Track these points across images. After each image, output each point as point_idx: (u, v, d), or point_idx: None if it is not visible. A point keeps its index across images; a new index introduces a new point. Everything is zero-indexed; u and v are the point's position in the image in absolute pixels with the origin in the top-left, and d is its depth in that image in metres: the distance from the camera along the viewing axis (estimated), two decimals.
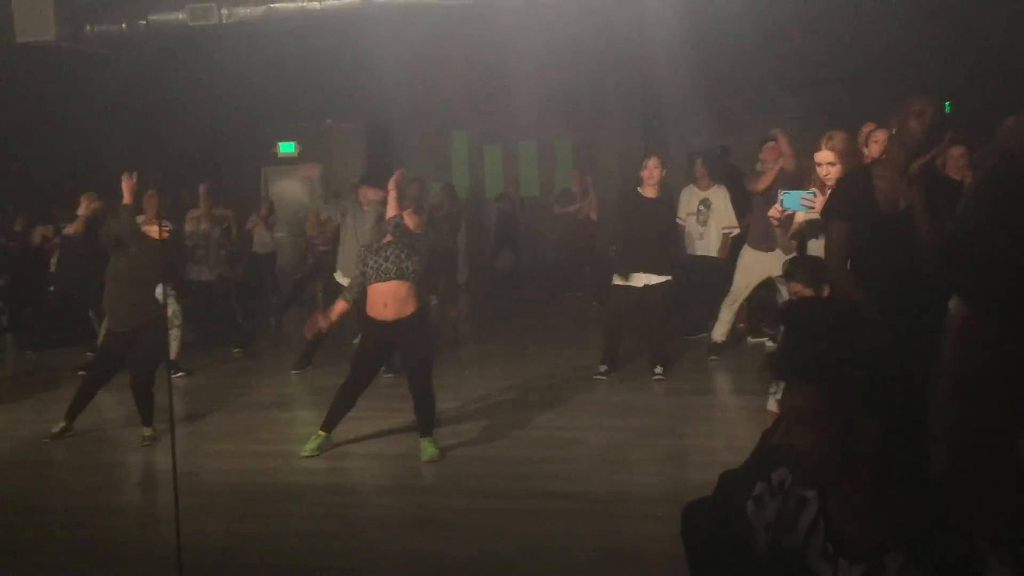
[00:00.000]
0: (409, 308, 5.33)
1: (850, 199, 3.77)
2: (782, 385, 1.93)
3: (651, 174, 6.93)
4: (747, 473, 2.56)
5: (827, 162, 4.48)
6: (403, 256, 5.31)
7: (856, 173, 4.07)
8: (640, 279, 6.93)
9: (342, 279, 7.28)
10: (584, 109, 13.55)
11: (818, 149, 4.54)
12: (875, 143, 5.13)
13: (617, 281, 7.04)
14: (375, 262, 5.34)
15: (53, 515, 4.84)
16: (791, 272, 4.39)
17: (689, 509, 2.30)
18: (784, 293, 6.76)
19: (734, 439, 5.18)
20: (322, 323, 5.49)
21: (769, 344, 7.68)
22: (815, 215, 4.58)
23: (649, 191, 6.96)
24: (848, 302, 4.02)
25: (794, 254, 5.00)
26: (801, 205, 4.57)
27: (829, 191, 4.41)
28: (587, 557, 3.97)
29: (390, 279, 5.28)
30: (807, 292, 4.20)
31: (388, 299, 5.30)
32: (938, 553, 1.73)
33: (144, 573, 4.08)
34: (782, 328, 2.51)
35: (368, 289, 5.36)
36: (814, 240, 4.78)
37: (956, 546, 1.75)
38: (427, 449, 5.36)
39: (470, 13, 9.88)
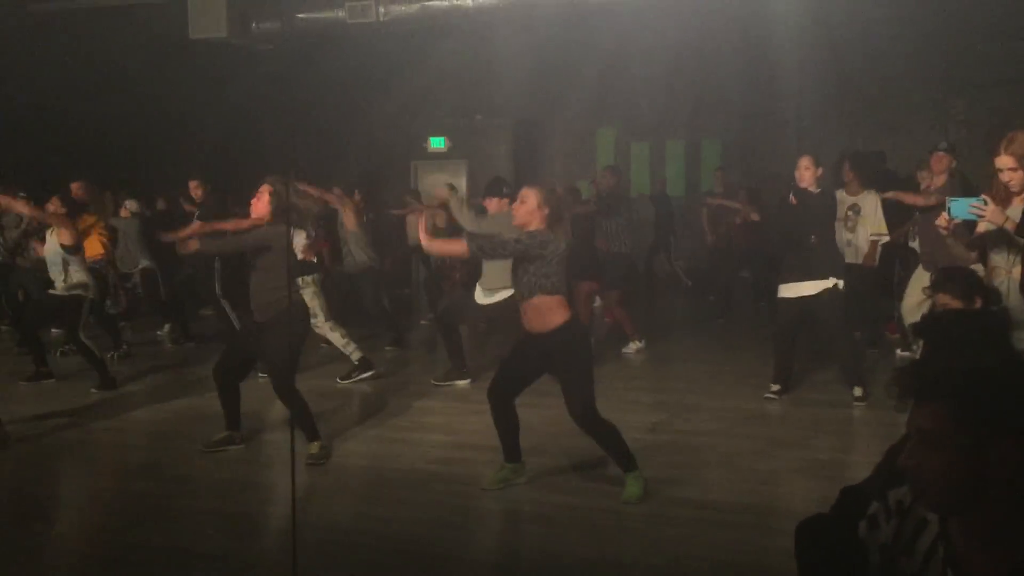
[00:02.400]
0: (555, 320, 4.58)
1: None
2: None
3: (802, 175, 6.36)
4: (864, 491, 2.45)
5: (1008, 167, 4.21)
6: (529, 271, 4.59)
7: None
8: (796, 289, 6.37)
9: (481, 297, 6.97)
10: (735, 108, 13.23)
11: (998, 154, 4.27)
12: None
13: (782, 294, 6.47)
14: (513, 279, 4.76)
15: (203, 485, 5.13)
16: (940, 283, 4.16)
17: (803, 525, 2.22)
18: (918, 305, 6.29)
19: (869, 454, 4.92)
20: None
21: None
22: (989, 224, 4.31)
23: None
24: (997, 315, 3.78)
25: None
26: (970, 214, 4.31)
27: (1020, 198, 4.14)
28: (703, 567, 3.89)
29: (524, 298, 4.66)
30: (956, 304, 3.97)
31: (529, 314, 4.65)
32: None
33: (264, 545, 4.27)
34: (921, 342, 2.37)
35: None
36: (996, 253, 4.48)
37: None
38: (630, 487, 4.61)
39: (619, 10, 9.81)
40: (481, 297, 6.97)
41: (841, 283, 6.30)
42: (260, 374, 7.27)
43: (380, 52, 11.70)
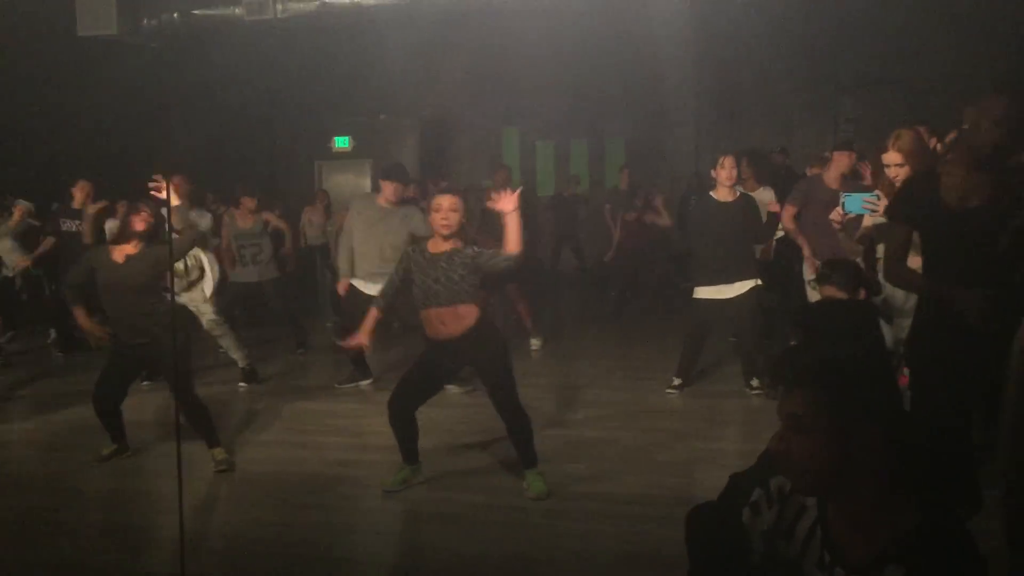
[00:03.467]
0: (471, 320, 4.57)
1: (914, 200, 3.62)
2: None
3: (729, 174, 6.32)
4: (747, 479, 2.51)
5: (895, 163, 4.33)
6: (456, 278, 4.52)
7: (922, 173, 3.93)
8: (719, 291, 6.37)
9: (361, 285, 6.66)
10: (636, 108, 13.46)
11: (885, 150, 4.40)
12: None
13: (700, 295, 6.45)
14: (423, 282, 4.56)
15: (93, 497, 4.97)
16: (826, 275, 4.29)
17: (692, 513, 2.27)
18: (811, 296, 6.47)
19: (767, 443, 5.05)
20: (362, 340, 4.80)
21: None
22: (880, 218, 4.43)
23: (725, 193, 6.40)
24: (867, 306, 3.92)
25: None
26: (864, 209, 4.44)
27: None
28: (605, 559, 3.93)
29: (441, 305, 4.53)
30: (841, 296, 4.10)
31: (445, 319, 4.55)
32: (940, 567, 1.67)
33: (158, 556, 4.15)
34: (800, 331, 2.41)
35: (420, 312, 4.64)
36: (882, 245, 4.61)
37: (960, 560, 1.68)
38: (534, 484, 4.68)
39: (523, 10, 9.85)
40: (366, 288, 6.59)
41: (760, 281, 6.40)
42: (144, 381, 7.07)
43: (281, 50, 11.48)
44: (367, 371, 7.19)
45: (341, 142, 15.57)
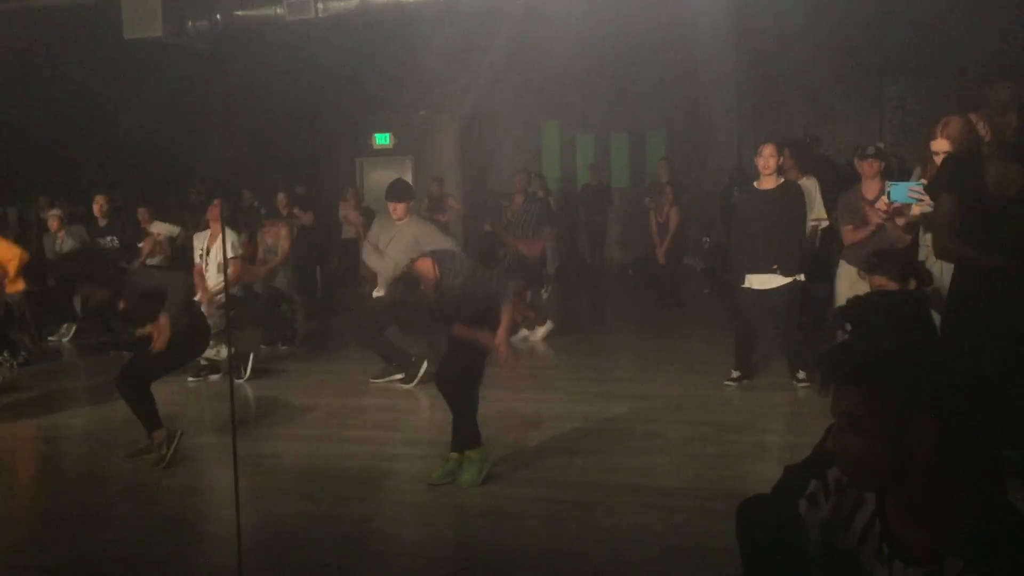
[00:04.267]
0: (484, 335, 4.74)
1: (959, 175, 3.55)
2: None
3: (766, 163, 6.23)
4: (803, 470, 2.49)
5: (944, 151, 4.26)
6: (444, 302, 4.68)
7: (968, 152, 3.85)
8: (760, 281, 6.30)
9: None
10: (677, 99, 13.37)
11: (933, 137, 4.34)
12: None
13: (742, 285, 6.40)
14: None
15: (146, 491, 5.02)
16: (875, 265, 4.23)
17: (744, 505, 2.26)
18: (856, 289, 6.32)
19: (814, 435, 4.97)
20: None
21: None
22: (926, 208, 4.35)
23: (767, 182, 6.33)
24: (921, 295, 3.86)
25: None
26: (910, 197, 4.37)
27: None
28: (654, 553, 3.91)
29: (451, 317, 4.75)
30: (891, 287, 4.04)
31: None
32: (1000, 560, 1.65)
33: (206, 551, 4.22)
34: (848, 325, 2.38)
35: None
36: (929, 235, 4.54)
37: (1019, 555, 1.66)
38: (464, 474, 4.77)
39: (562, 3, 9.84)
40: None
41: (803, 277, 6.32)
42: (190, 377, 7.19)
43: (322, 49, 11.59)
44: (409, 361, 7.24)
45: (382, 139, 15.66)
